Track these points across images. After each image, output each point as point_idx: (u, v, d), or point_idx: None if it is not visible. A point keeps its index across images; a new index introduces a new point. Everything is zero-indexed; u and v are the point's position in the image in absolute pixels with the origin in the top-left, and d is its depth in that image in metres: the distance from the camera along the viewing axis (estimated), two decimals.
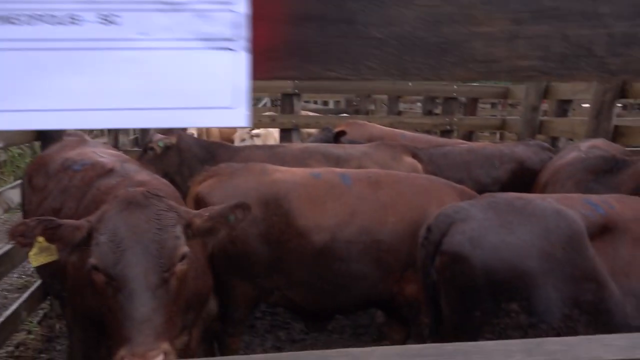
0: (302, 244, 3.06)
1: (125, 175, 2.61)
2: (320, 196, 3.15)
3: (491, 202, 2.49)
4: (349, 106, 15.66)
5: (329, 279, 3.10)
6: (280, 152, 4.43)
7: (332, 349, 4.28)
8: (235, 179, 3.21)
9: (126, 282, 1.80)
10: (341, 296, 3.15)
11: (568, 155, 4.26)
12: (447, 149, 4.83)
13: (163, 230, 1.91)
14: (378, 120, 7.50)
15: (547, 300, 2.29)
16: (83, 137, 3.55)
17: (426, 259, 2.49)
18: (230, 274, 3.15)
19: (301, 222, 3.07)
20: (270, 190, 3.14)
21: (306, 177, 3.26)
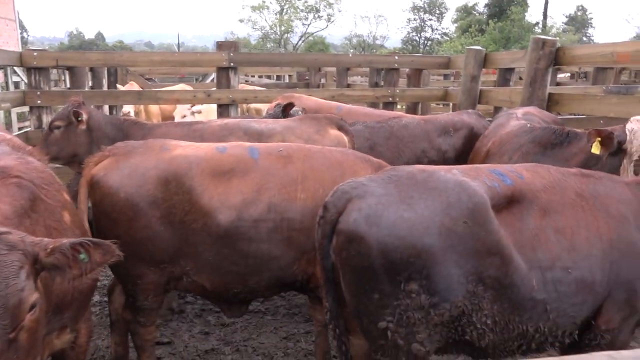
0: (207, 225, 2.86)
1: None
2: (225, 172, 2.93)
3: (392, 175, 2.33)
4: (300, 80, 15.42)
5: (238, 262, 2.91)
6: (199, 128, 4.19)
7: (264, 330, 4.15)
8: (132, 158, 2.95)
9: None
10: (253, 279, 2.97)
11: (509, 123, 4.20)
12: (407, 120, 4.93)
13: (3, 284, 1.60)
14: (319, 93, 7.29)
15: (448, 278, 2.17)
16: None
17: (323, 239, 2.32)
18: (134, 262, 2.92)
19: (205, 201, 2.86)
20: (170, 168, 2.90)
21: (210, 152, 3.02)
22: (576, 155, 3.56)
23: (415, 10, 59.76)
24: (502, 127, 4.20)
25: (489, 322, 2.25)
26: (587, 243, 2.37)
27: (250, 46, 49.63)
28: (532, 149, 3.75)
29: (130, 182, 2.85)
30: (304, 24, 54.44)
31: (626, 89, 7.96)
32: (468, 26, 47.70)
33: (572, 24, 58.33)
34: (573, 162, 3.47)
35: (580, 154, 3.53)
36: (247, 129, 4.13)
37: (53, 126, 4.17)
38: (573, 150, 3.60)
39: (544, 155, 3.65)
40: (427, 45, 58.24)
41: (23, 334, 1.66)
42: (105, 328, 4.14)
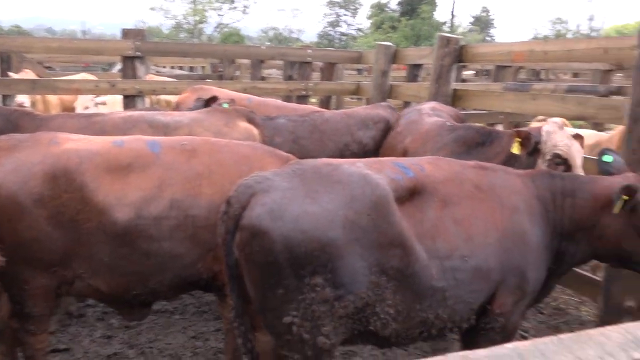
0: (102, 224, 2.67)
1: None
2: (122, 167, 2.75)
3: (297, 169, 2.31)
4: (214, 72, 15.08)
5: (138, 261, 2.75)
6: (99, 121, 3.93)
7: (172, 330, 3.99)
8: (17, 152, 2.69)
9: None
10: (154, 280, 2.82)
11: (423, 120, 4.23)
12: (329, 114, 4.98)
13: None
14: (230, 85, 7.15)
15: (352, 271, 2.19)
16: None
17: (226, 235, 2.26)
18: (21, 265, 2.69)
19: (99, 198, 2.67)
20: (58, 163, 2.67)
21: (105, 146, 2.83)
22: (499, 155, 3.61)
23: (331, 4, 60.44)
24: (418, 125, 4.24)
25: (392, 311, 2.30)
26: (483, 232, 2.48)
27: (163, 35, 47.81)
28: (456, 148, 3.77)
29: (13, 179, 2.60)
30: (218, 14, 53.29)
31: (522, 86, 8.49)
32: (381, 23, 49.01)
33: (477, 24, 61.56)
34: (496, 160, 3.49)
35: (502, 154, 3.59)
36: (152, 121, 3.94)
37: None
38: (496, 149, 3.65)
39: (469, 154, 3.64)
40: (342, 40, 59.12)
41: None
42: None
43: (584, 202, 2.67)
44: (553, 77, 14.93)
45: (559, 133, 3.43)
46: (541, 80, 14.17)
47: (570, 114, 4.46)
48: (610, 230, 2.63)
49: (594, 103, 4.28)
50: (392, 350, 3.70)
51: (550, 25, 60.37)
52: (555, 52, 4.66)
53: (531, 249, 2.58)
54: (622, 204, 2.54)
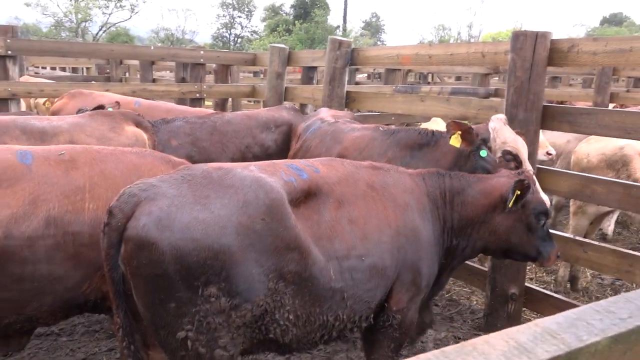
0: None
1: None
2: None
3: (186, 174, 2.20)
4: (100, 73, 14.23)
5: (10, 287, 2.44)
6: None
7: (58, 354, 3.64)
8: None
9: None
10: (31, 306, 2.53)
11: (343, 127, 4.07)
12: (230, 116, 4.88)
13: None
14: (118, 88, 6.75)
15: (248, 278, 2.11)
16: None
17: (110, 248, 2.09)
18: None
19: None
20: None
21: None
22: (446, 155, 3.49)
23: (224, 6, 59.62)
24: (340, 134, 3.99)
25: (292, 317, 2.26)
26: (378, 231, 2.52)
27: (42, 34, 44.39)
28: (398, 152, 3.63)
29: None
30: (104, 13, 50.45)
31: (412, 89, 8.89)
32: (276, 25, 49.22)
33: (368, 28, 63.82)
34: (444, 161, 3.43)
35: (450, 154, 3.47)
36: (25, 127, 3.57)
37: None
38: (443, 149, 3.52)
39: (413, 157, 3.56)
40: (237, 42, 58.54)
41: None
42: None
43: (474, 199, 2.80)
44: (439, 80, 15.82)
45: (504, 129, 3.44)
46: (428, 83, 14.96)
47: (454, 114, 4.71)
48: (501, 226, 2.78)
49: (474, 104, 4.56)
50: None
51: (435, 31, 64.28)
52: (438, 56, 4.90)
53: (423, 245, 2.66)
54: (515, 199, 2.69)
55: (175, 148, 4.14)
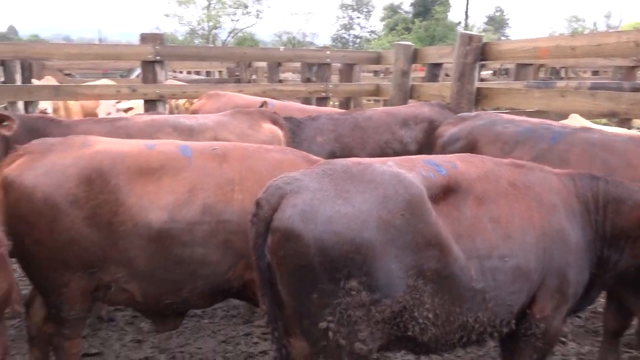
0: (137, 227, 2.63)
1: None
2: (155, 169, 2.72)
3: (327, 169, 2.24)
4: (231, 76, 15.10)
5: (173, 268, 2.70)
6: (123, 125, 3.92)
7: (201, 334, 3.95)
8: (49, 155, 2.68)
9: None
10: (188, 287, 2.77)
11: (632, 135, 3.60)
12: (370, 112, 4.93)
13: None
14: (250, 89, 7.12)
15: (388, 273, 2.11)
16: None
17: (257, 238, 2.19)
18: (59, 268, 2.67)
19: (134, 200, 2.64)
20: (91, 164, 2.65)
21: (137, 148, 2.80)
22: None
23: (344, 7, 60.44)
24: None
25: (431, 315, 2.22)
26: (522, 231, 2.39)
27: (178, 42, 48.24)
28: None
29: (48, 181, 2.58)
30: (232, 19, 53.62)
31: (545, 84, 8.33)
32: (395, 24, 48.88)
33: (491, 23, 61.08)
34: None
35: None
36: (177, 125, 3.91)
37: None
38: None
39: None
40: (356, 42, 59.05)
41: None
42: (26, 342, 3.81)
43: (631, 209, 2.55)
44: (573, 75, 14.68)
45: None
46: (561, 78, 13.94)
47: (600, 110, 4.34)
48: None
49: (626, 99, 4.15)
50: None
51: (567, 23, 59.78)
52: (582, 47, 4.54)
53: (572, 250, 2.47)
54: None
55: (320, 144, 4.33)
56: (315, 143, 4.27)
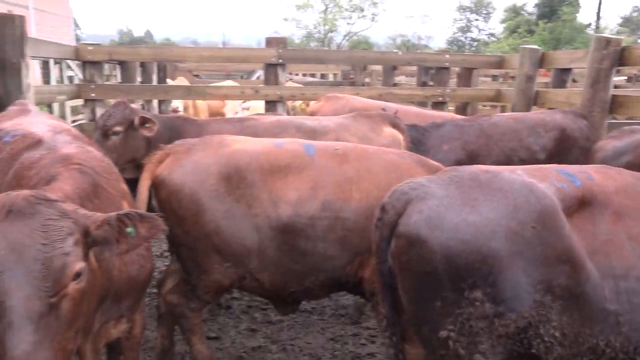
0: (269, 219, 2.84)
1: (52, 147, 2.38)
2: (282, 167, 2.92)
3: (454, 176, 2.21)
4: (345, 79, 15.32)
5: (298, 259, 2.88)
6: (251, 125, 4.16)
7: (311, 330, 4.10)
8: (192, 155, 2.97)
9: (4, 312, 1.52)
10: (309, 278, 2.94)
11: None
12: (496, 118, 4.81)
13: (49, 246, 1.61)
14: (366, 92, 7.19)
15: (515, 286, 2.04)
16: (26, 106, 3.28)
17: (380, 242, 2.22)
18: (203, 256, 2.94)
19: (265, 195, 2.86)
20: (230, 162, 2.91)
21: (267, 147, 3.02)
22: None
23: (462, 9, 58.74)
24: None
25: (558, 334, 2.10)
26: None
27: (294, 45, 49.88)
28: None
29: (193, 178, 2.87)
30: (348, 23, 54.31)
31: None
32: (516, 27, 46.51)
33: (626, 25, 56.07)
34: None
35: None
36: (300, 125, 4.08)
37: (111, 132, 3.95)
38: None
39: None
40: (473, 45, 57.16)
41: (66, 302, 1.64)
42: (155, 319, 4.17)
43: None
44: None
45: None
46: None
47: None
48: None
49: None
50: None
51: None
52: None
53: None
54: None
55: (446, 152, 4.27)
56: (441, 151, 4.21)
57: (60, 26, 26.45)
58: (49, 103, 9.14)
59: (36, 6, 23.10)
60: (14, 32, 4.08)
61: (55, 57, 7.50)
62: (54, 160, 2.22)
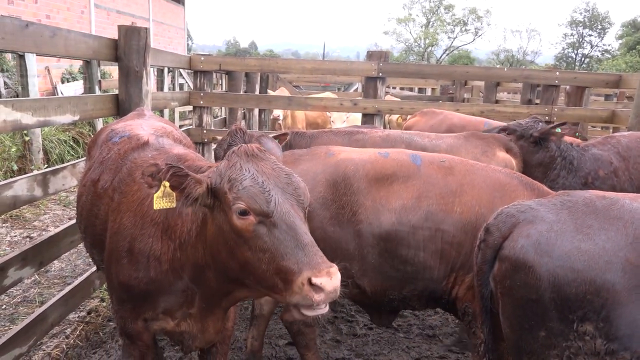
0: (372, 226, 2.87)
1: (161, 148, 2.56)
2: (388, 176, 2.94)
3: (566, 201, 2.09)
4: (443, 93, 15.04)
5: (398, 267, 2.88)
6: (360, 139, 4.16)
7: (395, 347, 4.02)
8: (300, 164, 3.07)
9: (283, 216, 1.85)
10: (408, 287, 2.92)
11: None
12: (625, 138, 4.55)
13: (290, 175, 2.00)
14: (467, 108, 6.99)
15: (632, 323, 1.87)
16: (142, 111, 3.54)
17: (483, 264, 2.14)
18: None
19: (369, 203, 2.89)
20: (337, 170, 2.98)
21: (373, 156, 3.06)
22: None
23: (574, 24, 55.56)
24: None
25: None
26: None
27: (393, 58, 49.82)
28: None
29: None
30: (449, 37, 53.36)
31: None
32: (636, 43, 43.21)
33: None
34: None
35: None
36: (410, 142, 4.04)
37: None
38: None
39: None
40: (584, 62, 53.86)
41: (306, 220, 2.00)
42: (243, 320, 4.30)
43: None
44: None
45: None
46: None
47: None
48: None
49: None
50: None
51: None
52: None
53: None
54: None
55: (603, 179, 4.11)
56: (598, 178, 4.02)
57: (175, 37, 28.39)
58: (162, 108, 9.82)
59: (155, 18, 24.97)
60: (138, 43, 4.42)
61: (171, 66, 8.02)
62: (171, 158, 2.38)
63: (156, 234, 2.26)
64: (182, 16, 29.87)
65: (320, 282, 1.76)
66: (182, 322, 2.38)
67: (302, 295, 1.78)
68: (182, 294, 2.29)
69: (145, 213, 2.25)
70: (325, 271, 1.78)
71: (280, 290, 1.84)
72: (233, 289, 2.14)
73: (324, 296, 1.78)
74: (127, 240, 2.29)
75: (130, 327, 2.42)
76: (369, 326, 4.43)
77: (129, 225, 2.31)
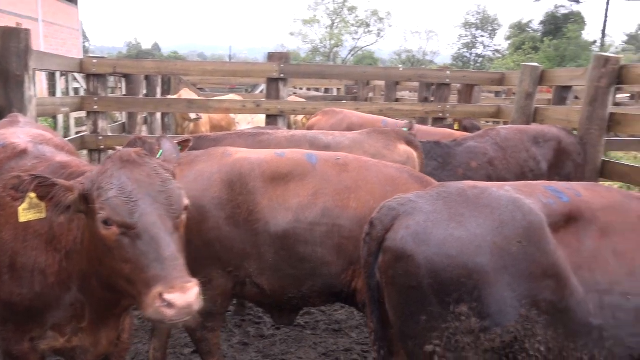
0: (268, 225, 2.89)
1: (41, 156, 2.45)
2: (284, 174, 2.98)
3: (441, 192, 2.24)
4: (348, 93, 15.44)
5: (296, 265, 2.92)
6: (265, 140, 4.16)
7: (303, 345, 4.09)
8: (197, 165, 3.04)
9: (146, 228, 1.85)
10: (307, 284, 2.97)
11: None
12: (504, 131, 4.91)
13: (166, 182, 1.99)
14: (367, 107, 7.24)
15: (501, 301, 2.05)
16: (16, 117, 3.33)
17: (369, 257, 2.24)
18: (207, 265, 2.97)
19: (266, 202, 2.91)
20: (233, 170, 2.97)
21: (269, 155, 3.08)
22: None
23: (467, 26, 59.09)
24: None
25: (543, 349, 2.11)
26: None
27: (300, 59, 50.26)
28: None
29: (196, 187, 2.91)
30: (353, 38, 54.76)
31: None
32: (522, 43, 46.77)
33: (632, 42, 56.23)
34: None
35: None
36: (314, 140, 4.09)
37: None
38: None
39: None
40: (477, 62, 57.42)
41: (180, 228, 2.00)
42: (146, 332, 4.17)
43: None
44: None
45: None
46: None
47: None
48: None
49: None
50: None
51: None
52: None
53: None
54: None
55: (475, 169, 4.35)
56: (470, 169, 4.27)
57: (69, 38, 26.75)
58: (52, 115, 9.24)
59: (45, 19, 23.36)
60: (18, 45, 4.16)
61: (59, 69, 7.58)
62: (53, 167, 2.28)
63: (40, 246, 2.17)
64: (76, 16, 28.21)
65: (171, 298, 1.76)
66: (73, 337, 2.30)
67: (154, 309, 1.78)
68: (71, 307, 2.22)
69: (27, 225, 2.14)
70: (179, 287, 1.78)
71: (140, 302, 1.84)
72: (119, 297, 2.09)
73: (176, 312, 1.77)
74: (8, 255, 2.19)
75: (15, 349, 2.29)
76: (276, 327, 4.46)
77: (9, 239, 2.20)
